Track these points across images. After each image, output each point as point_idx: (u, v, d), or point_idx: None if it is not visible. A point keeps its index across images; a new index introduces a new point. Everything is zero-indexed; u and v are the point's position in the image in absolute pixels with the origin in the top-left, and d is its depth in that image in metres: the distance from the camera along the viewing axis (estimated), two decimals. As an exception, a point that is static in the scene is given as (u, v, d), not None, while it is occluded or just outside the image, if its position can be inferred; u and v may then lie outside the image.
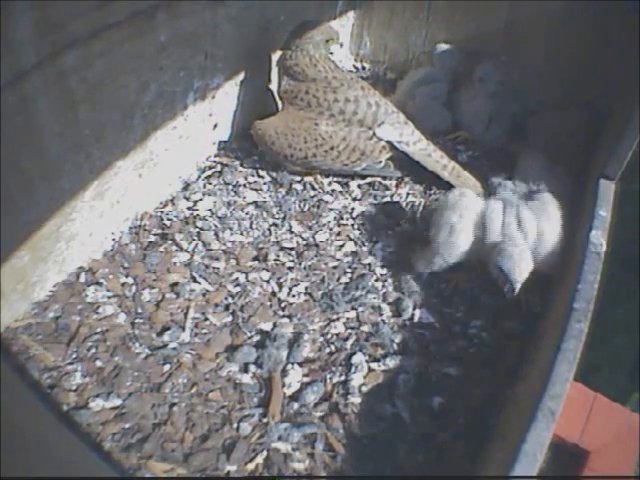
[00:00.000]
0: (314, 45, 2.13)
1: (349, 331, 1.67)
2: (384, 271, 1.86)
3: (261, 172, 2.23)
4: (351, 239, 1.97)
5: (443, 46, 2.47)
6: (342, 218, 2.06)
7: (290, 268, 1.86)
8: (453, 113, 2.50)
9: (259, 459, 1.36)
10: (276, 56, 2.24)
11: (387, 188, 2.20)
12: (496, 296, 1.76)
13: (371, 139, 2.13)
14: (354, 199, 2.16)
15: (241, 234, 1.97)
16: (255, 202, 2.10)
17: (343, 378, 1.54)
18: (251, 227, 1.99)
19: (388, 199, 2.15)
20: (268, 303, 1.74)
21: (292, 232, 1.99)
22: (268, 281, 1.81)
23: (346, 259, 1.90)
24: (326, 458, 1.38)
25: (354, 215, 2.07)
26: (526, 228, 1.74)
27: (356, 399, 1.49)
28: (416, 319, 1.71)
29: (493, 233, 1.75)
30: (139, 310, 1.68)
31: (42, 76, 1.41)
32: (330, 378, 1.54)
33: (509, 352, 1.63)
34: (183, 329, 1.64)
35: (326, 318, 1.71)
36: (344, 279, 1.83)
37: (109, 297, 1.70)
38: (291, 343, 1.61)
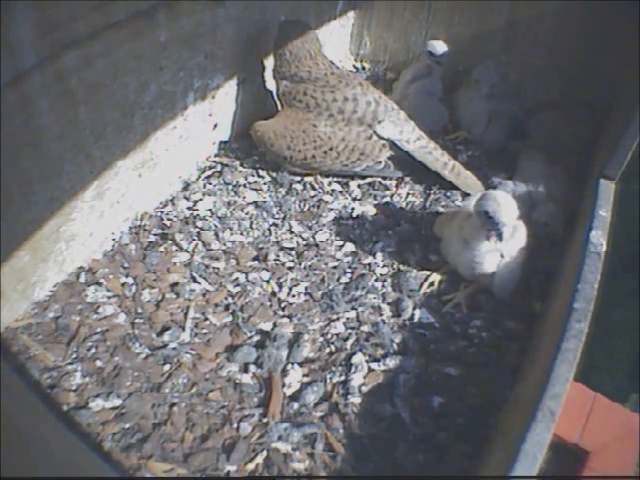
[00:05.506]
0: (310, 42, 2.13)
1: (349, 331, 1.67)
2: (384, 271, 1.86)
3: (261, 172, 2.23)
4: (351, 239, 1.97)
5: (431, 43, 2.45)
6: (342, 218, 2.06)
7: (290, 268, 1.86)
8: (452, 113, 2.50)
9: (259, 459, 1.37)
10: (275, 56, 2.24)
11: (387, 188, 2.20)
12: (496, 296, 1.77)
13: (370, 138, 2.13)
14: (354, 199, 2.16)
15: (241, 234, 1.97)
16: (255, 202, 2.10)
17: (343, 378, 1.54)
18: (251, 227, 1.99)
19: (388, 199, 2.15)
20: (268, 303, 1.74)
21: (292, 232, 1.99)
22: (268, 281, 1.81)
23: (346, 259, 1.90)
24: (326, 458, 1.38)
25: (354, 215, 2.08)
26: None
27: (356, 399, 1.49)
28: (416, 319, 1.71)
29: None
30: (139, 310, 1.68)
31: (42, 76, 1.42)
32: (330, 378, 1.54)
33: (509, 352, 1.63)
34: (183, 329, 1.64)
35: (326, 318, 1.71)
36: (344, 279, 1.83)
37: (109, 297, 1.70)
38: (291, 343, 1.61)
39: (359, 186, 2.21)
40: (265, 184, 2.18)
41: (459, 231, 1.77)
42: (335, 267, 1.87)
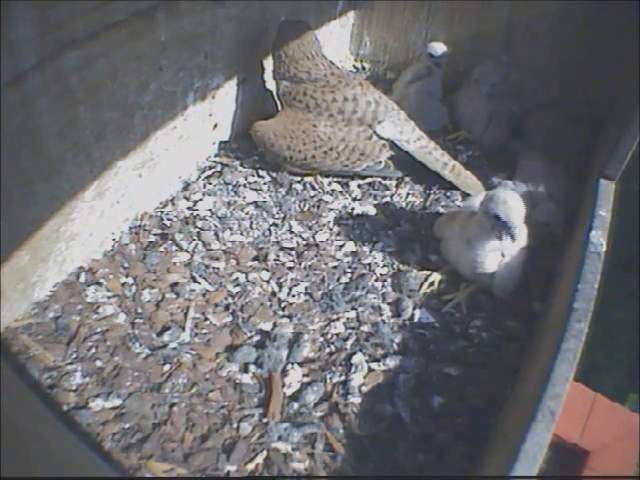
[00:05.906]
0: (310, 42, 2.13)
1: (349, 331, 1.67)
2: (384, 271, 1.86)
3: (261, 172, 2.23)
4: (351, 239, 1.97)
5: (430, 45, 2.45)
6: (342, 218, 2.06)
7: (290, 268, 1.86)
8: (452, 113, 2.51)
9: (259, 459, 1.37)
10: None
11: (387, 188, 2.20)
12: (496, 296, 1.77)
13: (370, 138, 2.13)
14: (354, 199, 2.16)
15: (241, 234, 1.97)
16: (255, 202, 2.10)
17: (343, 378, 1.54)
18: (251, 227, 1.99)
19: (388, 199, 2.15)
20: (268, 303, 1.74)
21: (292, 232, 1.99)
22: (268, 281, 1.81)
23: (346, 259, 1.90)
24: (326, 458, 1.38)
25: (354, 215, 2.07)
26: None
27: (356, 399, 1.49)
28: (416, 319, 1.71)
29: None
30: (139, 310, 1.68)
31: (42, 76, 1.41)
32: (330, 378, 1.54)
33: (509, 352, 1.63)
34: (183, 329, 1.64)
35: (326, 318, 1.71)
36: (344, 279, 1.83)
37: (109, 297, 1.70)
38: (291, 343, 1.61)
39: (359, 186, 2.21)
40: (265, 184, 2.18)
41: (462, 230, 1.77)
42: (335, 267, 1.87)
